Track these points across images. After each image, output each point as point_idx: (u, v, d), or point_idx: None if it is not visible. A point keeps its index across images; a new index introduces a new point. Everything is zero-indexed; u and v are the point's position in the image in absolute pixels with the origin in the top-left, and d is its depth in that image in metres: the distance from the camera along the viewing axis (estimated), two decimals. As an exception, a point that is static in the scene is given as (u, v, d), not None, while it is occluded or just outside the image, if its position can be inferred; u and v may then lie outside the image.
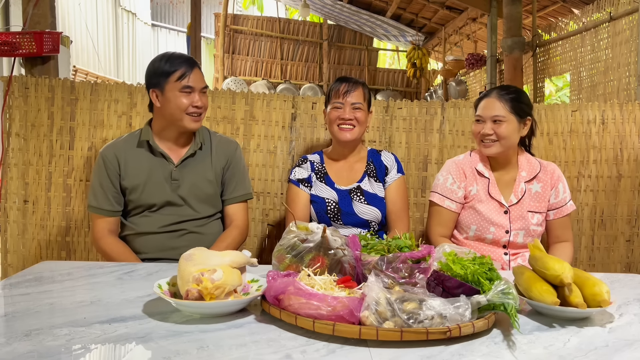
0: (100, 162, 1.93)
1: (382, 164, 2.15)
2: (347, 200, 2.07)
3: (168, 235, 1.93)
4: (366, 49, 9.92)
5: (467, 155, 2.11)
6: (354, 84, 2.07)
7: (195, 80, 1.88)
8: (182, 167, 1.94)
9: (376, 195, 2.09)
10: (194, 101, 1.87)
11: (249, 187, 2.08)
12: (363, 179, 2.12)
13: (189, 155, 1.94)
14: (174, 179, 1.92)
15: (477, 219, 2.01)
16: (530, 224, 1.99)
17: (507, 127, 1.95)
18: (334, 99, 2.06)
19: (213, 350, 1.02)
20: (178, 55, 1.91)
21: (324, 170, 2.14)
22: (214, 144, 2.01)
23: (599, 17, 4.34)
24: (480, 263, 1.24)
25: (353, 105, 2.04)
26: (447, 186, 2.04)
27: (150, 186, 1.91)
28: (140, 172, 1.92)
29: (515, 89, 2.04)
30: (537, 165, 2.06)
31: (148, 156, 1.93)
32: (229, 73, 9.17)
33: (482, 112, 2.00)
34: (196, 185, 1.94)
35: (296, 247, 1.34)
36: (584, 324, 1.21)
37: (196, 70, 1.90)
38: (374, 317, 1.07)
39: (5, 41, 2.55)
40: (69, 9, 8.76)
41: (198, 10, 6.21)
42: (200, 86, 1.90)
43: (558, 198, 2.03)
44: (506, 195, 2.02)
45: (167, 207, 1.93)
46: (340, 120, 2.04)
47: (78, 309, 1.24)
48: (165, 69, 1.86)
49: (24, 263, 2.38)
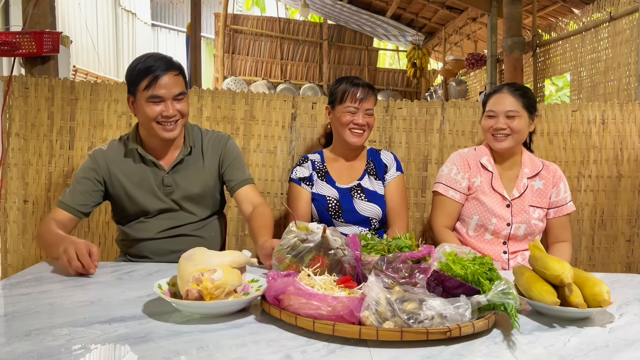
0: (89, 161, 1.86)
1: (381, 162, 2.17)
2: (347, 197, 2.09)
3: (166, 240, 1.90)
4: (366, 49, 9.92)
5: (472, 149, 2.15)
6: (368, 89, 2.09)
7: (163, 87, 1.74)
8: (174, 173, 1.88)
9: (376, 193, 2.11)
10: (163, 110, 1.75)
11: (249, 174, 1.99)
12: (363, 177, 2.14)
13: (179, 161, 1.87)
14: (166, 185, 1.86)
15: (480, 209, 2.04)
16: (531, 218, 2.02)
17: (520, 122, 2.00)
18: (350, 103, 2.06)
19: (213, 350, 1.02)
20: (151, 61, 1.76)
21: (324, 169, 2.15)
22: (205, 144, 1.94)
23: (599, 17, 4.34)
24: (480, 263, 1.24)
25: (367, 111, 2.07)
26: (452, 176, 2.08)
27: (143, 194, 1.86)
28: (131, 180, 1.86)
29: (524, 87, 2.10)
30: (540, 164, 2.10)
31: (138, 164, 1.87)
32: (229, 73, 9.17)
33: (494, 107, 2.03)
34: (190, 189, 1.89)
35: (296, 247, 1.34)
36: (584, 324, 1.21)
37: (167, 76, 1.75)
38: (374, 317, 1.07)
39: (5, 41, 2.55)
40: (69, 9, 8.75)
41: (198, 10, 6.20)
42: (172, 94, 1.76)
43: (559, 197, 2.06)
44: (509, 189, 2.05)
45: (162, 213, 1.89)
46: (354, 125, 2.06)
47: (78, 309, 1.24)
48: (133, 77, 1.77)
49: (24, 263, 2.38)
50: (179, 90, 1.79)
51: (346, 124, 2.07)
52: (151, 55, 1.81)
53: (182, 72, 1.84)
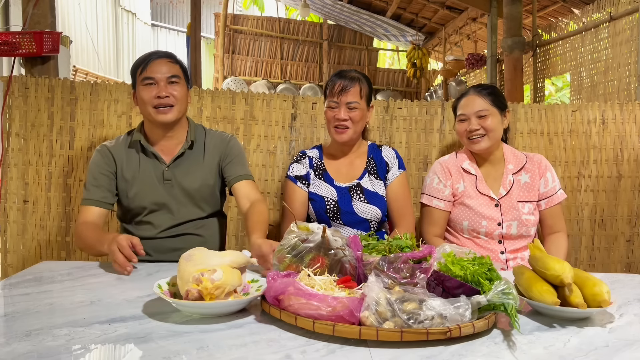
0: (98, 156, 1.90)
1: (382, 160, 2.10)
2: (346, 198, 2.03)
3: (167, 240, 1.91)
4: (366, 49, 9.92)
5: (453, 155, 2.15)
6: (350, 81, 1.96)
7: (156, 70, 1.81)
8: (175, 167, 1.90)
9: (377, 194, 2.05)
10: (157, 92, 1.80)
11: (249, 171, 1.98)
12: (363, 176, 2.07)
13: (180, 155, 1.90)
14: (166, 179, 1.89)
15: (469, 214, 2.04)
16: (521, 214, 2.01)
17: (492, 120, 2.01)
18: (329, 97, 1.99)
19: (213, 350, 1.02)
20: (150, 53, 1.88)
21: (322, 167, 2.09)
22: (208, 141, 1.96)
23: (599, 17, 4.34)
24: (480, 263, 1.24)
25: (348, 104, 1.95)
26: (434, 186, 2.09)
27: (144, 187, 1.88)
28: (133, 173, 1.89)
29: (490, 86, 2.12)
30: (523, 157, 2.10)
31: (140, 157, 1.91)
32: (229, 73, 9.17)
33: (464, 110, 2.04)
34: (190, 185, 1.91)
35: (296, 247, 1.34)
36: (584, 324, 1.21)
37: (159, 61, 1.83)
38: (374, 317, 1.06)
39: (5, 41, 2.55)
40: (69, 9, 8.76)
41: (198, 10, 6.20)
42: (165, 76, 1.82)
43: (547, 187, 2.06)
44: (495, 188, 2.06)
45: (163, 209, 1.90)
46: (336, 120, 1.97)
47: (78, 309, 1.24)
48: (133, 68, 1.87)
49: (24, 263, 2.38)
50: (172, 73, 1.84)
51: (329, 120, 1.99)
52: (154, 51, 1.91)
53: (179, 62, 1.91)
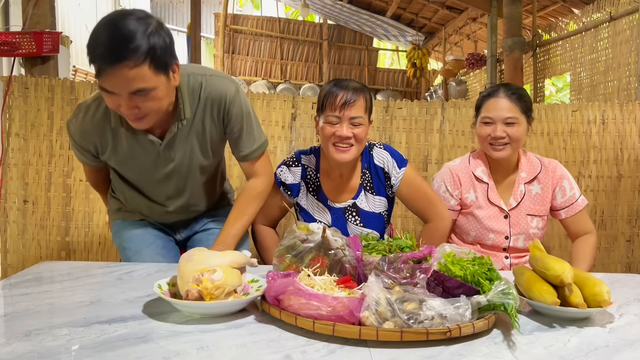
0: (71, 141, 1.69)
1: (377, 168, 1.84)
2: (341, 222, 1.84)
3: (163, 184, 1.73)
4: (366, 49, 9.92)
5: (466, 160, 2.00)
6: (353, 93, 1.69)
7: (116, 84, 1.37)
8: (170, 144, 1.64)
9: (373, 213, 1.85)
10: (120, 104, 1.42)
11: (257, 139, 1.69)
12: (359, 194, 1.84)
13: (173, 134, 1.62)
14: (162, 159, 1.67)
15: (476, 225, 1.95)
16: (529, 228, 1.92)
17: (519, 129, 1.85)
18: (329, 111, 1.69)
19: (213, 350, 1.02)
20: (106, 35, 1.39)
21: (317, 182, 1.86)
22: (202, 105, 1.62)
23: (599, 17, 4.35)
24: (479, 263, 1.24)
25: (352, 120, 1.68)
26: (440, 193, 1.97)
27: (139, 168, 1.70)
28: (123, 153, 1.66)
29: (521, 88, 1.95)
30: (538, 165, 1.96)
31: (129, 136, 1.62)
32: (229, 73, 9.15)
33: (491, 113, 1.87)
34: (189, 158, 1.69)
35: (296, 248, 1.34)
36: (584, 324, 1.21)
37: (119, 68, 1.34)
38: (374, 317, 1.06)
39: (5, 41, 2.55)
40: (69, 9, 8.76)
41: (198, 10, 6.21)
42: (127, 90, 1.37)
43: (565, 196, 1.93)
44: (506, 198, 1.95)
45: (163, 182, 1.73)
46: (337, 138, 1.69)
47: (78, 309, 1.24)
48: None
49: (24, 263, 2.38)
50: (137, 87, 1.39)
51: (328, 137, 1.70)
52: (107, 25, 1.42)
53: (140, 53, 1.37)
